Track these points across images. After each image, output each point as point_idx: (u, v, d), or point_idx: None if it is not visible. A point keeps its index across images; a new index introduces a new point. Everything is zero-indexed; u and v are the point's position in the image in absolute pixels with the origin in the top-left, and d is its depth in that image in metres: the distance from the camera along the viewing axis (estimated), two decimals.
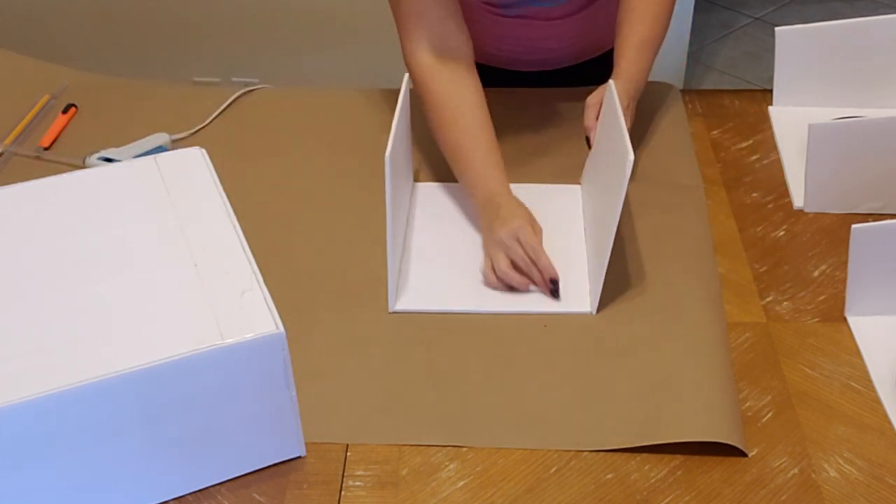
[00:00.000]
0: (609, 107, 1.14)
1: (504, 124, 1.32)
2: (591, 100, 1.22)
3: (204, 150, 1.02)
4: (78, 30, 2.73)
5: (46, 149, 1.35)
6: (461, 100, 1.18)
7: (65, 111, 1.41)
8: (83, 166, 1.29)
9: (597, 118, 1.20)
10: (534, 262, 1.08)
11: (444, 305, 1.08)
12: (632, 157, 0.97)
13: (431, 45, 1.18)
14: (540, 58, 1.41)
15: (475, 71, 1.21)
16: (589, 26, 1.38)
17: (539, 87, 1.43)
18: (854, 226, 1.01)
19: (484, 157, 1.16)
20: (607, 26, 1.32)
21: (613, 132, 1.08)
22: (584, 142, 1.23)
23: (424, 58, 1.18)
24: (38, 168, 1.31)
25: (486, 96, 1.21)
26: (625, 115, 1.16)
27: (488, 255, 1.12)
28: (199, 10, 2.67)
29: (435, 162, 1.30)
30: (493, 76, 1.24)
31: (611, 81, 1.16)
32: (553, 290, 1.08)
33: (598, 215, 1.12)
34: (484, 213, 1.14)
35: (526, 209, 1.13)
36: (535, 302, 1.08)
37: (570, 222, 1.19)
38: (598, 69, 1.40)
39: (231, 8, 2.66)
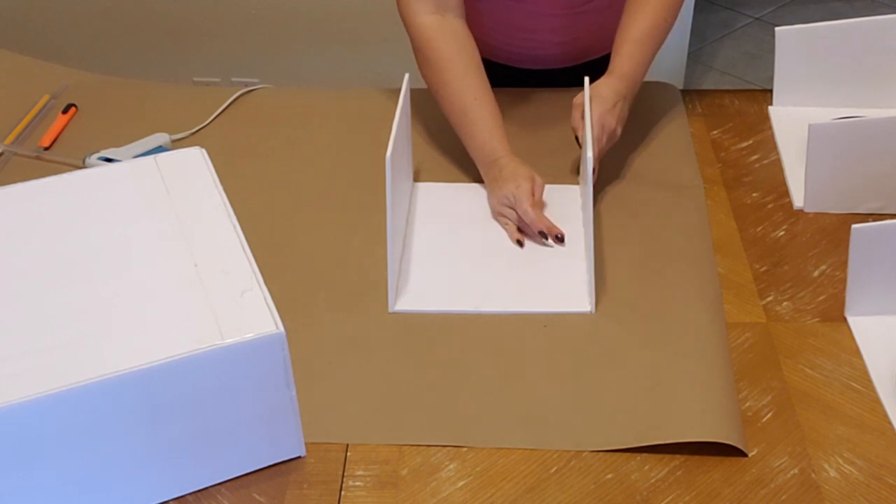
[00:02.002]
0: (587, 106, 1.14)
1: (505, 124, 1.32)
2: (577, 99, 1.22)
3: (204, 150, 1.02)
4: (78, 30, 2.73)
5: (46, 149, 1.35)
6: (462, 61, 1.22)
7: (65, 111, 1.41)
8: (83, 166, 1.29)
9: (583, 117, 1.21)
10: (527, 224, 1.16)
11: (444, 306, 1.08)
12: (590, 154, 1.03)
13: (431, 5, 1.22)
14: (539, 54, 1.41)
15: (468, 30, 1.25)
16: (592, 25, 1.38)
17: (539, 87, 1.43)
18: (854, 226, 1.01)
19: (486, 119, 1.21)
20: (610, 29, 1.32)
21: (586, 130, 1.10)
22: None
23: (425, 18, 1.23)
24: (38, 168, 1.31)
25: None
26: (611, 112, 1.17)
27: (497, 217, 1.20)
28: (199, 10, 2.67)
29: (435, 162, 1.30)
30: (490, 71, 1.24)
31: (586, 78, 1.18)
32: (547, 242, 1.16)
33: (584, 217, 1.12)
34: (487, 176, 1.22)
35: (525, 170, 1.18)
36: (535, 302, 1.09)
37: (570, 222, 1.19)
38: (599, 72, 1.40)
39: (231, 8, 2.66)
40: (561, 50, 1.41)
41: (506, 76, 1.42)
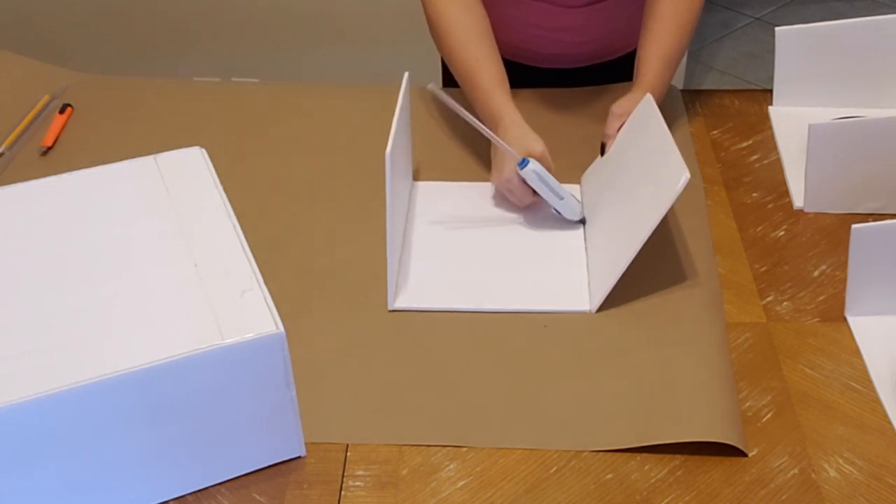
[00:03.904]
0: (647, 119, 1.13)
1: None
2: (618, 109, 1.21)
3: (204, 150, 1.02)
4: (77, 30, 2.73)
5: (47, 149, 1.35)
6: (464, 27, 1.24)
7: (61, 111, 1.41)
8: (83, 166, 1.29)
9: (620, 128, 1.20)
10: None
11: (444, 304, 1.08)
12: (687, 175, 0.99)
13: None
14: (557, 52, 1.41)
15: (481, 3, 1.26)
16: (610, 22, 1.37)
17: (551, 87, 1.42)
18: (854, 226, 1.01)
19: (487, 81, 1.21)
20: (629, 27, 1.31)
21: (656, 146, 1.08)
22: (585, 143, 1.22)
23: None
24: (39, 168, 1.31)
25: None
26: None
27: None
28: (199, 10, 2.67)
29: (435, 161, 1.30)
30: (508, 70, 1.24)
31: (648, 95, 1.17)
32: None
33: (618, 223, 1.11)
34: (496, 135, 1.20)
35: (527, 140, 1.15)
36: (535, 301, 1.08)
37: (570, 221, 1.19)
38: (613, 72, 1.40)
39: (231, 8, 2.67)
40: (577, 48, 1.40)
41: (520, 74, 1.41)
